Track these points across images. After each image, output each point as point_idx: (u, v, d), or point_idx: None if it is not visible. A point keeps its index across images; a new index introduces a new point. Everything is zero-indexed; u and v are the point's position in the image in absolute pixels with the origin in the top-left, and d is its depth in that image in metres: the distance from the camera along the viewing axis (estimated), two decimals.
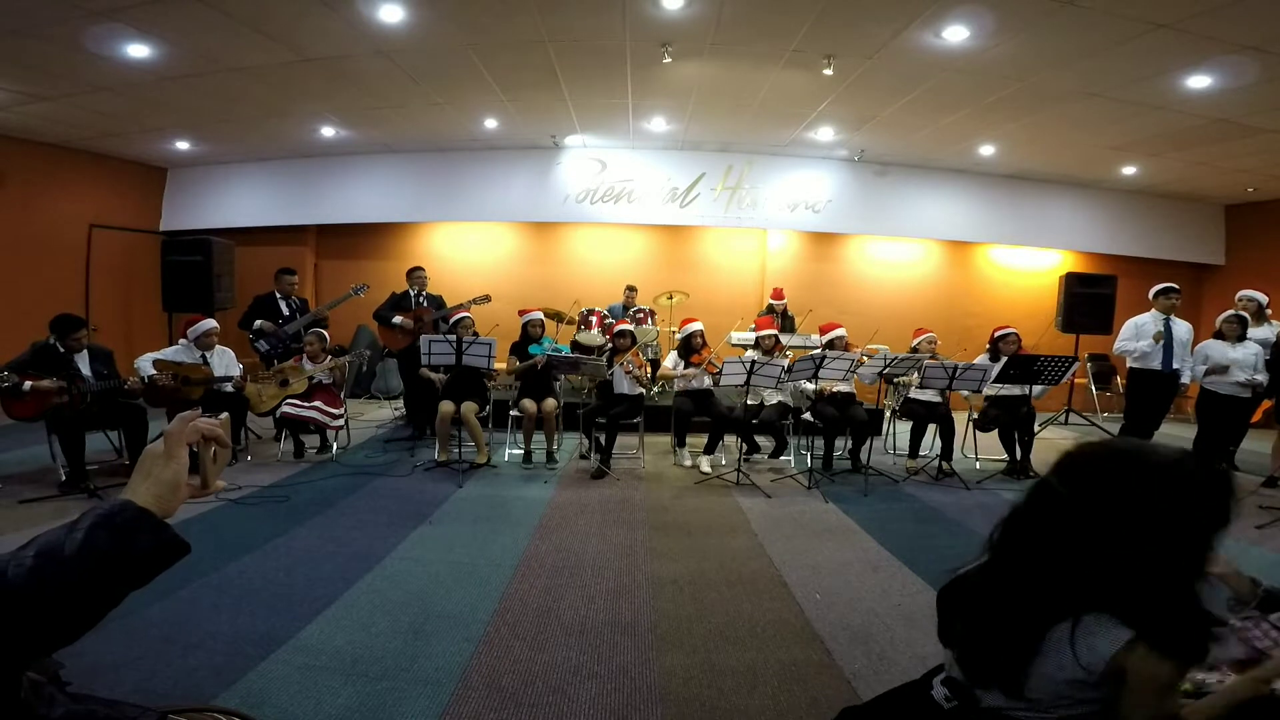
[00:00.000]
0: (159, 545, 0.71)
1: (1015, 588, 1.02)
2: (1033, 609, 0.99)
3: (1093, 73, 4.72)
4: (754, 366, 4.47)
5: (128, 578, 0.70)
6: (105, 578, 0.67)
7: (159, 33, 4.46)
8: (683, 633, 2.46)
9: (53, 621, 0.65)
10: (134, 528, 0.70)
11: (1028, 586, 1.01)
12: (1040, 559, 1.00)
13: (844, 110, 6.07)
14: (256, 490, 4.11)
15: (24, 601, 0.63)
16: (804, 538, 3.56)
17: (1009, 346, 5.08)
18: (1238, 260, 8.33)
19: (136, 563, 0.70)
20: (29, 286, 6.82)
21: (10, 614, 0.62)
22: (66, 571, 0.65)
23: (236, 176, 8.19)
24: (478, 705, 1.95)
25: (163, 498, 0.74)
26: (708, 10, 4.20)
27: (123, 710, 0.87)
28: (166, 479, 0.76)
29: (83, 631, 0.68)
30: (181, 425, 0.80)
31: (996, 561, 1.07)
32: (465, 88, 5.72)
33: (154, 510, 0.73)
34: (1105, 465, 0.99)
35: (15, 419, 3.91)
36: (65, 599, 0.65)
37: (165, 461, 0.77)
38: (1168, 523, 0.92)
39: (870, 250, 8.52)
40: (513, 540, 3.39)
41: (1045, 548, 1.00)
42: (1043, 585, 0.99)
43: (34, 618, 0.63)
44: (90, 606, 0.68)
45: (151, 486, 0.74)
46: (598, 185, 7.89)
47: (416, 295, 5.95)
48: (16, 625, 0.63)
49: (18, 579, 0.63)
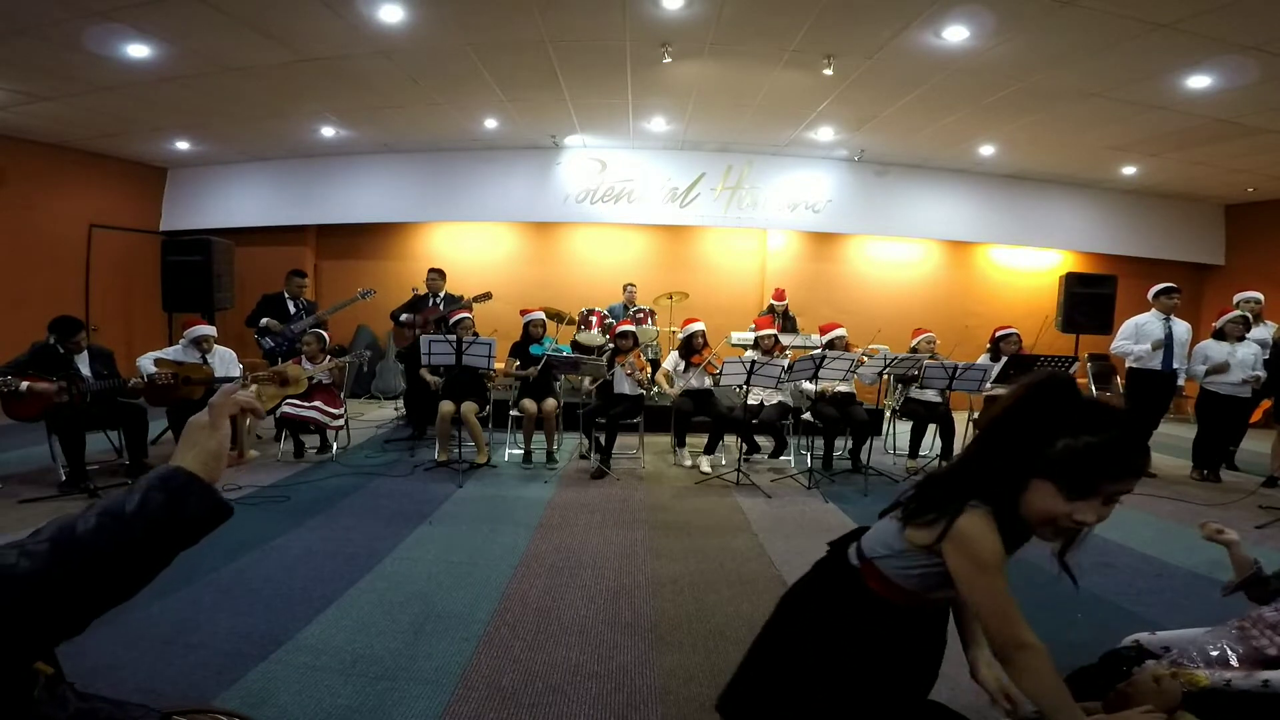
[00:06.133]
0: (208, 507, 0.77)
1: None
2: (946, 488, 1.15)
3: (1093, 73, 4.73)
4: (754, 366, 4.47)
5: (180, 537, 0.75)
6: (160, 536, 0.73)
7: (159, 33, 4.46)
8: (683, 633, 2.46)
9: (116, 575, 0.71)
10: (185, 491, 0.76)
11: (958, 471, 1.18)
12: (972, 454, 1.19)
13: (844, 110, 6.07)
14: (256, 490, 4.11)
15: (93, 555, 0.68)
16: (804, 538, 3.56)
17: (1010, 346, 5.08)
18: (1237, 260, 8.33)
19: (188, 523, 0.76)
20: (29, 286, 6.82)
21: (82, 567, 0.68)
22: (128, 529, 0.71)
23: (236, 176, 8.19)
24: (478, 705, 1.95)
25: (208, 465, 0.80)
26: (708, 10, 4.20)
27: (128, 711, 0.90)
28: (212, 448, 0.81)
29: (140, 587, 0.74)
30: (224, 398, 0.86)
31: None
32: (465, 88, 5.72)
33: (202, 476, 0.79)
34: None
35: (15, 419, 3.91)
36: (126, 554, 0.71)
37: (210, 432, 0.82)
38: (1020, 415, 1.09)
39: (870, 250, 8.52)
40: (512, 540, 3.39)
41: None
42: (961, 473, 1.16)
43: (101, 571, 0.69)
44: (147, 562, 0.73)
45: (199, 455, 0.80)
46: (598, 185, 7.89)
47: (434, 297, 5.97)
48: (87, 578, 0.68)
49: (86, 534, 0.69)
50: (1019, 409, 1.09)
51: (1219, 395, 4.89)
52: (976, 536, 1.06)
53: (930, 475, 1.25)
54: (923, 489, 1.20)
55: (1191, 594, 2.86)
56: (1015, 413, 1.10)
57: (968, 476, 1.13)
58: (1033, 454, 1.05)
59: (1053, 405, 1.06)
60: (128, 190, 7.94)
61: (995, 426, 1.13)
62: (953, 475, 1.16)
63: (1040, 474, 1.04)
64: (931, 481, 1.20)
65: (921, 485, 1.22)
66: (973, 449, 1.17)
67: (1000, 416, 1.13)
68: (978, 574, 1.06)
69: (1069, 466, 1.01)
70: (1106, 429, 1.02)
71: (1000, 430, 1.12)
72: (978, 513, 1.07)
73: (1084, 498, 1.02)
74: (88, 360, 4.24)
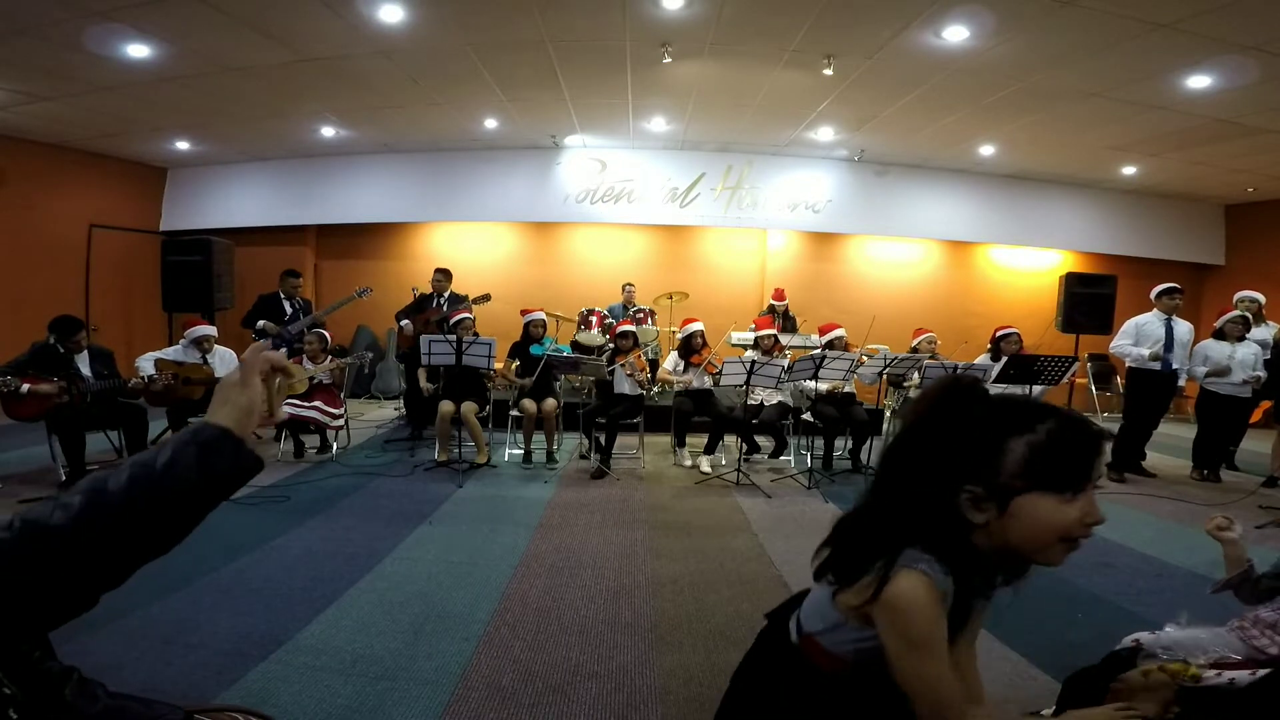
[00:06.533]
0: (238, 460, 0.78)
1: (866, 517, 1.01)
2: (868, 540, 0.96)
3: (1093, 73, 4.73)
4: (754, 366, 4.47)
5: (211, 490, 0.76)
6: (191, 489, 0.74)
7: (159, 33, 4.46)
8: (683, 633, 2.46)
9: (149, 529, 0.72)
10: (216, 445, 0.77)
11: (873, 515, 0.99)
12: (880, 487, 1.00)
13: (844, 110, 6.08)
14: (256, 490, 4.10)
15: (125, 508, 0.70)
16: (804, 538, 3.55)
17: (1010, 346, 5.08)
18: (1238, 260, 8.33)
19: (219, 476, 0.77)
20: (29, 286, 6.82)
21: (114, 520, 0.69)
22: (158, 482, 0.72)
23: (236, 176, 8.20)
24: (478, 705, 1.95)
25: (240, 421, 0.81)
26: (708, 10, 4.20)
27: (155, 709, 0.92)
28: (243, 404, 0.82)
29: (176, 540, 0.75)
30: (255, 355, 0.87)
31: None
32: (465, 88, 5.72)
33: (234, 430, 0.80)
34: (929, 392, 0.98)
35: (15, 419, 3.91)
36: (158, 508, 0.72)
37: (241, 389, 0.83)
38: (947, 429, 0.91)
39: (870, 250, 8.52)
40: (513, 540, 3.39)
41: (881, 474, 1.01)
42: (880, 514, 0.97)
43: (133, 525, 0.70)
44: (180, 515, 0.74)
45: (230, 411, 0.81)
46: (598, 185, 7.89)
47: (438, 297, 5.98)
48: (120, 531, 0.69)
49: (118, 488, 0.70)
50: (936, 426, 0.92)
51: (1219, 395, 4.89)
52: (907, 606, 0.87)
53: (844, 520, 1.03)
54: (840, 541, 1.01)
55: (1191, 594, 2.85)
56: (932, 430, 0.92)
57: (893, 518, 0.93)
58: (982, 471, 0.88)
59: (977, 411, 0.91)
60: (128, 190, 7.94)
61: (909, 452, 0.95)
62: (874, 518, 0.97)
63: (1023, 490, 0.87)
64: (848, 529, 1.01)
65: (837, 537, 1.02)
66: (888, 481, 0.98)
67: (912, 439, 0.96)
68: (907, 651, 0.88)
69: (1052, 463, 0.86)
70: (1043, 412, 0.89)
71: (918, 455, 0.93)
72: (915, 571, 0.87)
73: (1082, 490, 0.87)
74: (88, 360, 4.24)
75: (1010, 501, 0.87)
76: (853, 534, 0.99)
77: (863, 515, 1.00)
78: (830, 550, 1.02)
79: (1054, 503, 0.86)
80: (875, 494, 0.99)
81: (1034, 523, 0.87)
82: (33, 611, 0.66)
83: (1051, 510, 0.86)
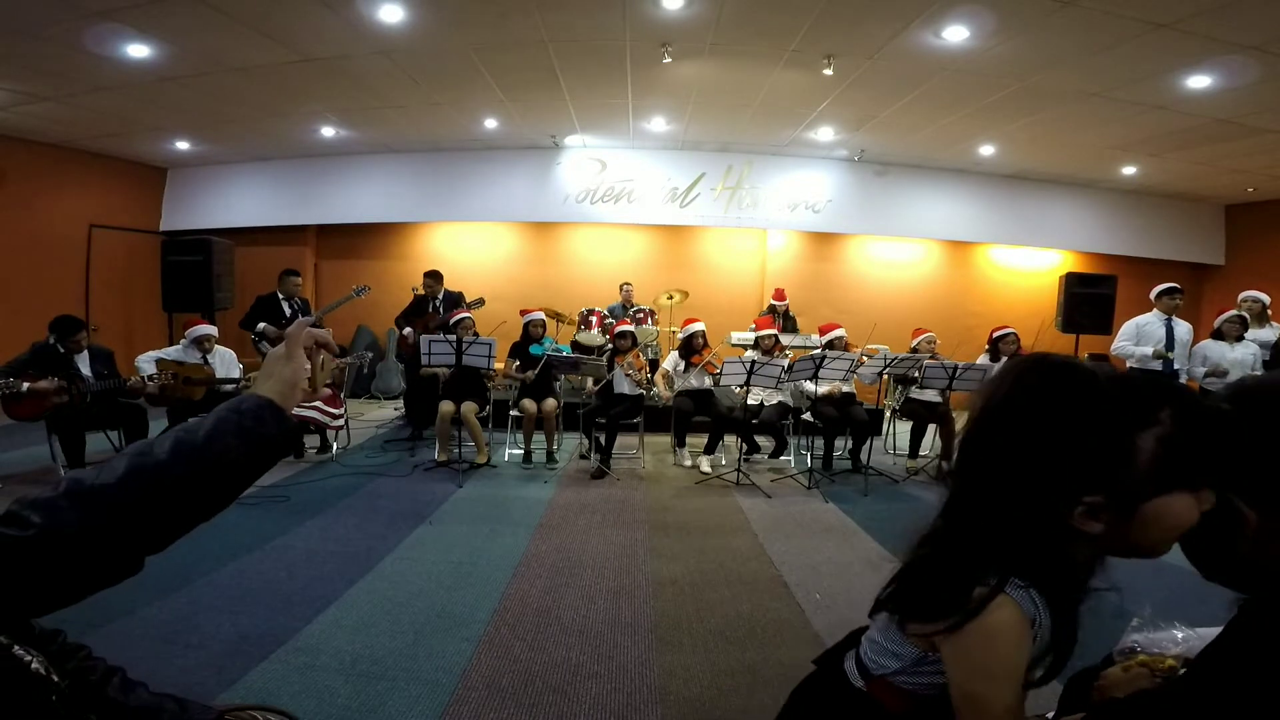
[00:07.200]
0: (280, 430, 0.80)
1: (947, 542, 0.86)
2: (956, 565, 0.82)
3: (1093, 73, 4.72)
4: (754, 366, 4.47)
5: (254, 459, 0.77)
6: (234, 457, 0.75)
7: (159, 33, 4.46)
8: (683, 633, 2.46)
9: (191, 496, 0.72)
10: (259, 415, 0.78)
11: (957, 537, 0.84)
12: (964, 499, 0.84)
13: (844, 110, 6.07)
14: (256, 490, 4.09)
15: (167, 476, 0.71)
16: (804, 538, 3.56)
17: (1008, 347, 5.08)
18: (1238, 260, 8.32)
19: (262, 444, 0.78)
20: (29, 286, 6.82)
21: (156, 487, 0.70)
22: (202, 450, 0.73)
23: (236, 176, 8.19)
24: (478, 705, 1.95)
25: (284, 393, 0.83)
26: (708, 10, 4.20)
27: (189, 708, 0.96)
28: (286, 376, 0.84)
29: (218, 508, 0.75)
30: (299, 330, 0.88)
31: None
32: (465, 88, 5.72)
33: (278, 402, 0.81)
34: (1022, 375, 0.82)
35: (15, 419, 3.91)
36: (200, 475, 0.72)
37: (285, 362, 0.85)
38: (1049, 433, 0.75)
39: (870, 250, 8.52)
40: (513, 540, 3.39)
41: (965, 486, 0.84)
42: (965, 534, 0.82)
43: (175, 492, 0.71)
44: (222, 484, 0.75)
45: (275, 384, 0.83)
46: (598, 185, 7.89)
47: (433, 300, 5.98)
48: (162, 498, 0.70)
49: (163, 454, 0.71)
50: (1035, 426, 0.76)
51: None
52: (1002, 638, 0.76)
53: (922, 555, 0.89)
54: (916, 576, 0.88)
55: (1192, 594, 2.85)
56: (1032, 433, 0.76)
57: (984, 542, 0.80)
58: (1106, 478, 0.74)
59: (1090, 405, 0.75)
60: (128, 190, 7.94)
61: (998, 460, 0.79)
62: (958, 543, 0.83)
63: (1156, 493, 0.73)
64: (930, 564, 0.87)
65: (910, 572, 0.89)
66: (972, 497, 0.82)
67: (1003, 444, 0.79)
68: (983, 681, 0.78)
69: (1188, 457, 0.73)
70: (1159, 395, 0.75)
71: (1015, 465, 0.77)
72: (1011, 602, 0.76)
73: (1204, 484, 0.74)
74: (88, 360, 4.24)
75: (1139, 508, 0.74)
76: (931, 563, 0.86)
77: (942, 540, 0.86)
78: (898, 584, 0.90)
79: (1188, 500, 0.73)
80: (955, 512, 0.85)
81: (1163, 525, 0.75)
82: (78, 571, 0.66)
83: (1185, 508, 0.74)
